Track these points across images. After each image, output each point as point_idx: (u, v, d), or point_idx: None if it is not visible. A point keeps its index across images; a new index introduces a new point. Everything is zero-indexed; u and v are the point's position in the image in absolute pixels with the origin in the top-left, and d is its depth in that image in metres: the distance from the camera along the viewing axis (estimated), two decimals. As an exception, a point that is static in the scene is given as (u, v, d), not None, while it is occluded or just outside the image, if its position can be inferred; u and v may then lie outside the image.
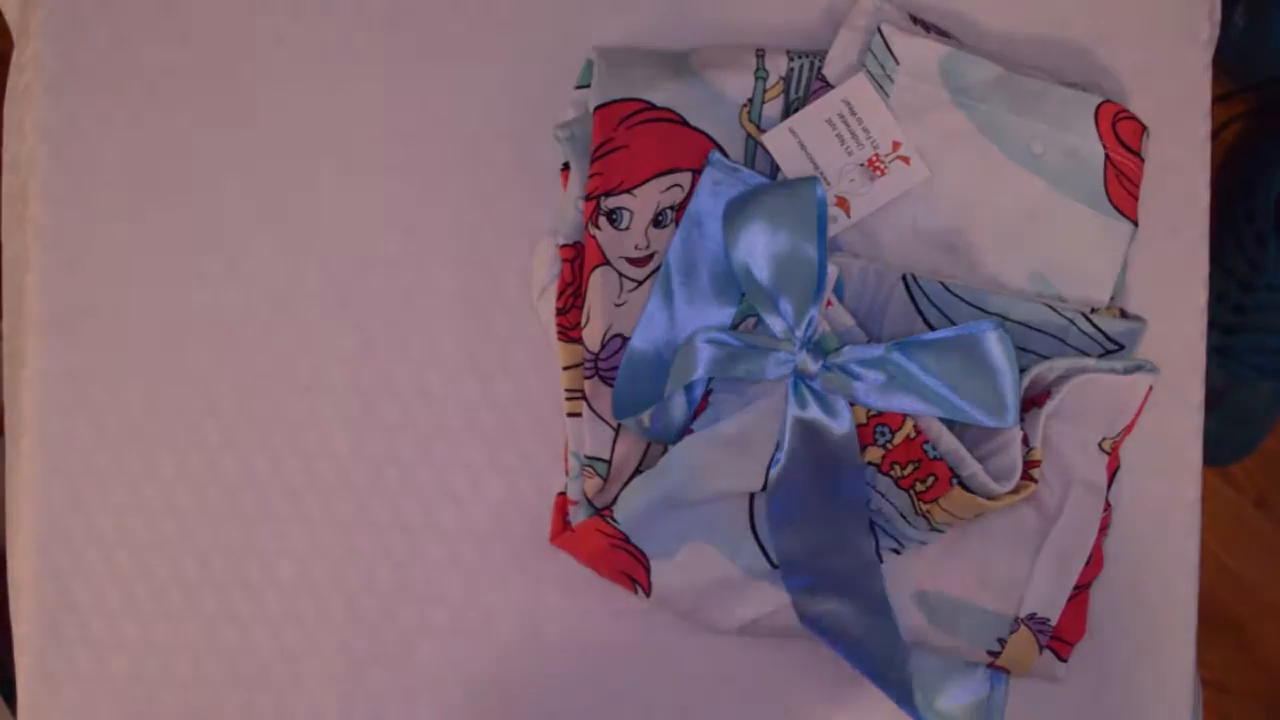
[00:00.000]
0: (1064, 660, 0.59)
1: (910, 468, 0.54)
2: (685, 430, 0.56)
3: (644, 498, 0.56)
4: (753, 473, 0.56)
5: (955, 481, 0.53)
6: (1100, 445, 0.57)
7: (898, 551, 0.57)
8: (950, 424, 0.54)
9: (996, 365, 0.52)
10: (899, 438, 0.54)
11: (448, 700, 0.60)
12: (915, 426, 0.54)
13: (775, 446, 0.55)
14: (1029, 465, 0.54)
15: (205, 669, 0.62)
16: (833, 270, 0.55)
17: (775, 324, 0.54)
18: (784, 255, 0.53)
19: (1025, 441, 0.54)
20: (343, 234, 0.61)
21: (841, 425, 0.54)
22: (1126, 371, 0.56)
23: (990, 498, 0.53)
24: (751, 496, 0.57)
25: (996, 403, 0.52)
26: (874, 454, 0.55)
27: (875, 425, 0.54)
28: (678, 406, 0.56)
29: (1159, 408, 0.60)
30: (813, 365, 0.53)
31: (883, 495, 0.55)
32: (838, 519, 0.56)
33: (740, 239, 0.54)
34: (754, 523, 0.57)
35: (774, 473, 0.55)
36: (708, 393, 0.57)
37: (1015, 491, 0.53)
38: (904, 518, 0.55)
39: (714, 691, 0.61)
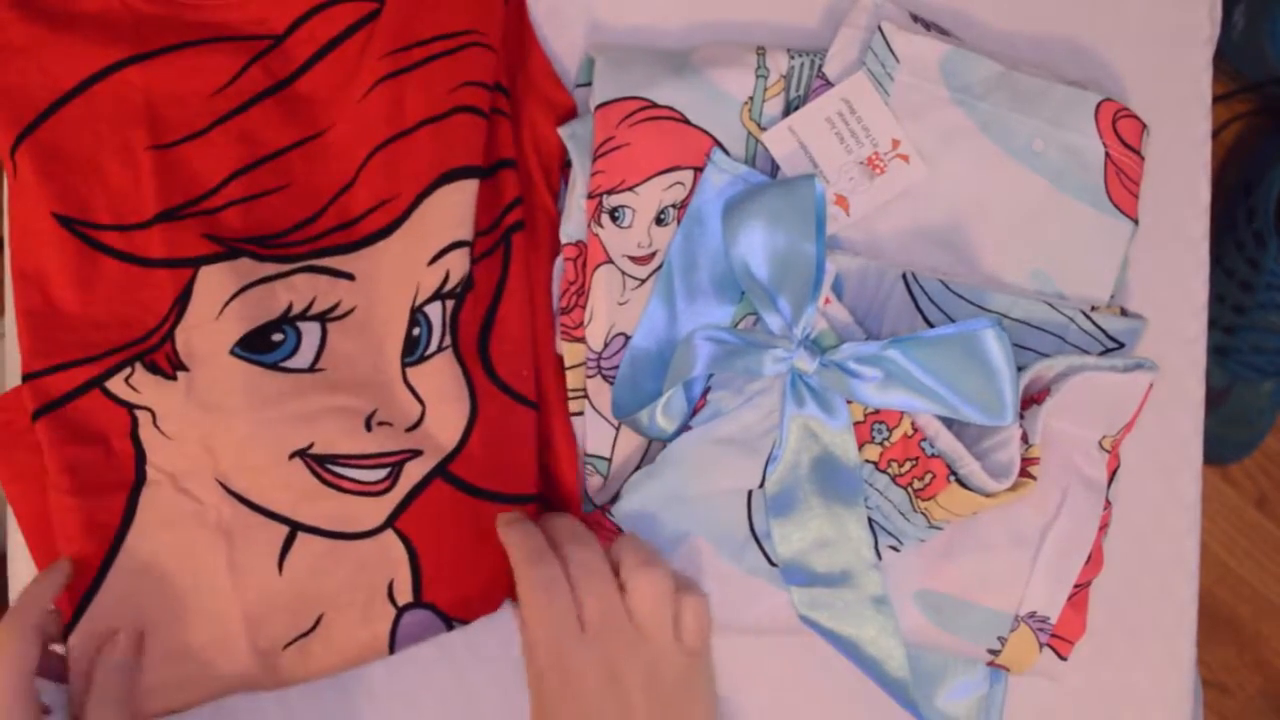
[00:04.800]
0: (1064, 659, 0.59)
1: (908, 465, 0.54)
2: (684, 428, 0.56)
3: (642, 494, 0.56)
4: (751, 470, 0.56)
5: (953, 479, 0.53)
6: (1100, 444, 0.57)
7: (896, 549, 0.57)
8: (948, 421, 0.54)
9: (994, 363, 0.52)
10: (896, 435, 0.54)
11: (449, 699, 0.60)
12: (913, 424, 0.54)
13: (773, 444, 0.56)
14: (1027, 463, 0.54)
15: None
16: (831, 268, 0.55)
17: (773, 321, 0.54)
18: (782, 253, 0.53)
19: (1024, 439, 0.54)
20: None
21: (839, 423, 0.54)
22: (1126, 370, 0.56)
23: (988, 495, 0.53)
24: (749, 494, 0.57)
25: (994, 400, 0.52)
26: (872, 451, 0.55)
27: (873, 423, 0.55)
28: (677, 404, 0.57)
29: (1159, 406, 0.60)
30: (810, 363, 0.53)
31: (881, 493, 0.56)
32: (836, 517, 0.56)
33: (739, 237, 0.54)
34: (752, 521, 0.57)
35: (772, 470, 0.56)
36: (706, 390, 0.57)
37: (1013, 489, 0.53)
38: (902, 515, 0.56)
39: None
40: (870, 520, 0.56)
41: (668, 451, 0.56)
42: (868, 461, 0.55)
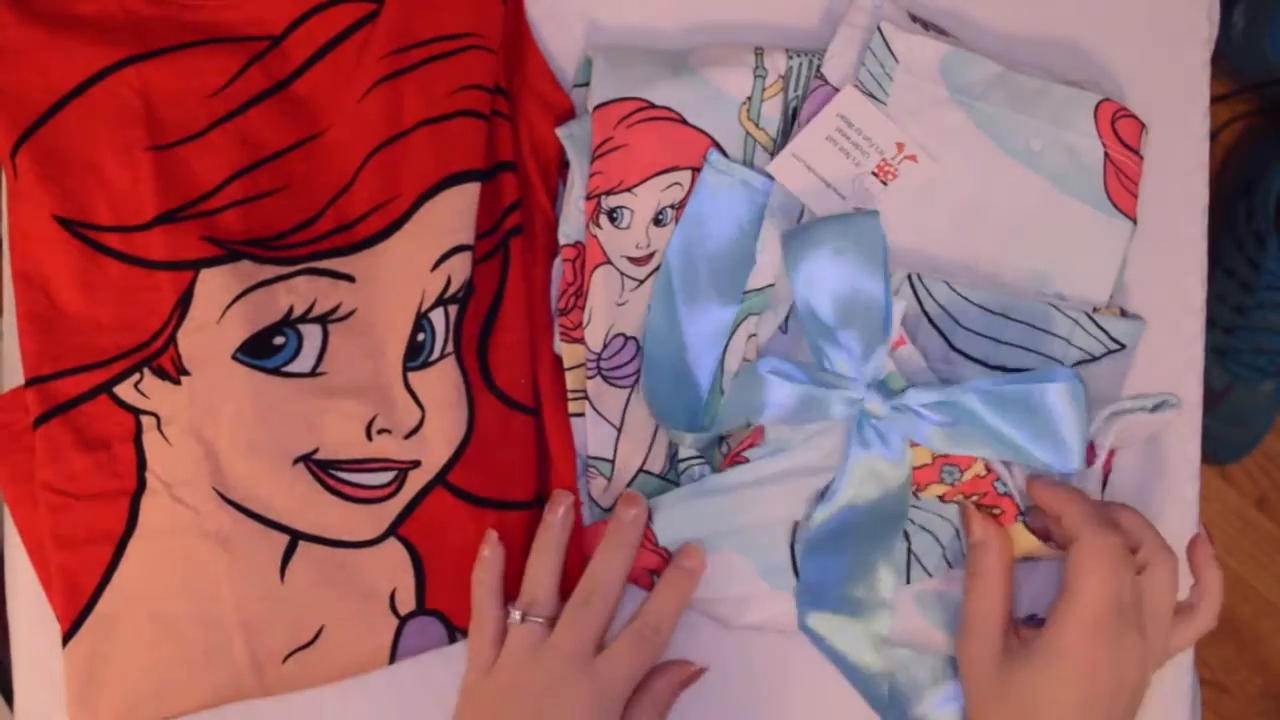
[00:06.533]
0: (1062, 659, 0.59)
1: (975, 498, 0.55)
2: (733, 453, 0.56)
3: (687, 513, 0.56)
4: (800, 504, 0.56)
5: (1021, 519, 0.54)
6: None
7: (930, 575, 0.57)
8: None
9: (1066, 414, 0.52)
10: (968, 475, 0.55)
11: (448, 699, 0.60)
12: (986, 465, 0.54)
13: (828, 482, 0.56)
14: None
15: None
16: (899, 305, 0.54)
17: (838, 358, 0.54)
18: (847, 292, 0.53)
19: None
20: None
21: (900, 465, 0.54)
22: (1155, 409, 0.56)
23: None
24: (795, 525, 0.57)
25: (1062, 448, 0.52)
26: (937, 489, 0.55)
27: (942, 465, 0.55)
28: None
29: (1157, 406, 0.60)
30: (881, 406, 0.53)
31: (939, 514, 0.56)
32: (868, 554, 0.56)
33: (800, 271, 0.54)
34: (794, 550, 0.57)
35: (823, 507, 0.55)
36: None
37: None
38: (958, 534, 0.56)
39: (711, 683, 0.61)
40: (910, 550, 0.56)
41: (721, 478, 0.56)
42: (935, 497, 0.56)
